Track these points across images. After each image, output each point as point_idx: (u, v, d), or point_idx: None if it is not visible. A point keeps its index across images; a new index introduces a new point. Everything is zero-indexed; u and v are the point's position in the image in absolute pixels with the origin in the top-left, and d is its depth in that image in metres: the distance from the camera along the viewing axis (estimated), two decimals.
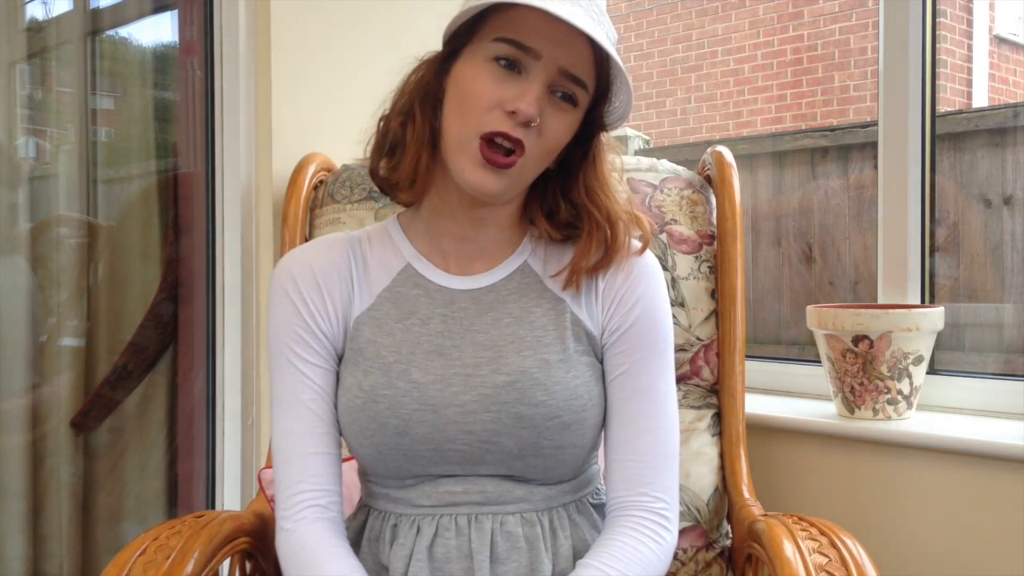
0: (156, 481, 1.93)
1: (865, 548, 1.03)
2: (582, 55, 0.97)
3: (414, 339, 1.03)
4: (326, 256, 1.08)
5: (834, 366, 1.54)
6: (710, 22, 5.92)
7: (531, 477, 1.03)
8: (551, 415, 1.00)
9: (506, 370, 1.01)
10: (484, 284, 1.06)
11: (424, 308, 1.05)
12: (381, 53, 1.78)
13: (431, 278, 1.06)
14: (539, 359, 1.01)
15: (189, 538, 1.09)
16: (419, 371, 1.02)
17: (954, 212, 2.07)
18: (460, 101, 0.98)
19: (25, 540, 1.81)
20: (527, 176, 1.01)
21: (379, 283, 1.07)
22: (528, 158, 0.98)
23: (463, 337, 1.03)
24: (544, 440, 1.00)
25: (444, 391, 1.01)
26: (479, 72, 0.97)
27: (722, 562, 1.36)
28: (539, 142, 0.98)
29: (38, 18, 1.99)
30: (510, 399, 1.00)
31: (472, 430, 1.00)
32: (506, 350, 1.02)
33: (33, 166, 1.97)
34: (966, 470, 1.40)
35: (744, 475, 1.38)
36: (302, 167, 1.59)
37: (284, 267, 1.08)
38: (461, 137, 0.98)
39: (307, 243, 1.13)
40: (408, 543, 1.02)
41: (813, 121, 5.32)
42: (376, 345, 1.04)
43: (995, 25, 5.26)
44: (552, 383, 1.01)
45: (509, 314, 1.04)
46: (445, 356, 1.02)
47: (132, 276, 1.92)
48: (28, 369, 1.82)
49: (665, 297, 1.09)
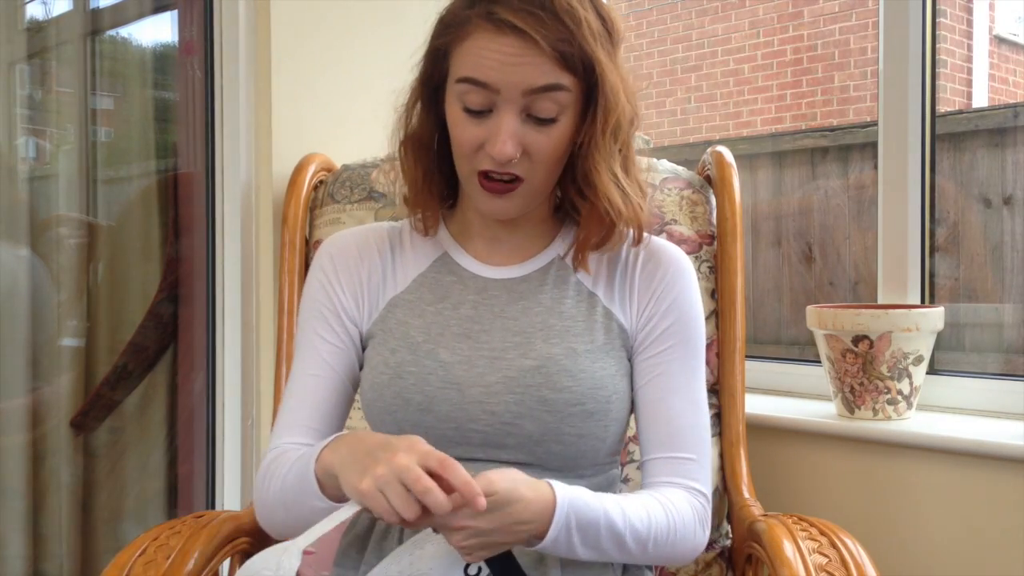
0: (156, 481, 1.93)
1: (865, 548, 1.03)
2: (543, 60, 0.96)
3: (444, 321, 1.06)
4: (365, 241, 1.12)
5: (834, 366, 1.54)
6: (710, 22, 5.92)
7: (550, 466, 1.03)
8: (575, 401, 1.01)
9: (533, 355, 1.03)
10: (518, 275, 1.09)
11: (457, 294, 1.08)
12: (381, 53, 1.78)
13: (466, 266, 1.10)
14: (567, 347, 1.03)
15: (189, 538, 1.09)
16: (446, 351, 1.04)
17: (954, 212, 2.07)
18: (454, 145, 1.03)
19: (25, 540, 1.81)
20: (539, 188, 1.04)
21: (416, 269, 1.10)
22: (529, 181, 1.01)
23: (492, 323, 1.05)
24: (566, 427, 1.01)
25: (470, 371, 1.02)
26: (456, 118, 1.01)
27: (722, 562, 1.36)
28: (533, 165, 1.00)
29: (38, 18, 1.99)
30: (535, 383, 1.01)
31: (495, 411, 1.01)
32: (535, 337, 1.04)
33: (33, 166, 1.97)
34: (966, 470, 1.40)
35: (744, 475, 1.38)
36: (302, 167, 1.59)
37: (326, 247, 1.13)
38: (464, 173, 1.03)
39: (354, 228, 1.17)
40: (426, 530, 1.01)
41: (813, 121, 5.32)
42: (406, 326, 1.06)
43: (995, 25, 5.26)
44: (578, 370, 1.02)
45: (540, 303, 1.07)
46: (473, 339, 1.04)
47: (132, 276, 1.92)
48: (28, 369, 1.82)
49: (699, 297, 1.12)
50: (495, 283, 1.08)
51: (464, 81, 0.98)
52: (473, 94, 0.97)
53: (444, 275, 1.09)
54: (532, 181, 1.01)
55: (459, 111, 1.00)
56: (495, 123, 0.97)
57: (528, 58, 0.95)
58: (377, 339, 1.08)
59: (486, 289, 1.08)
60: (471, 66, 0.97)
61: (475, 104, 0.98)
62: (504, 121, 0.97)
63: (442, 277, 1.09)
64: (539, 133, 0.99)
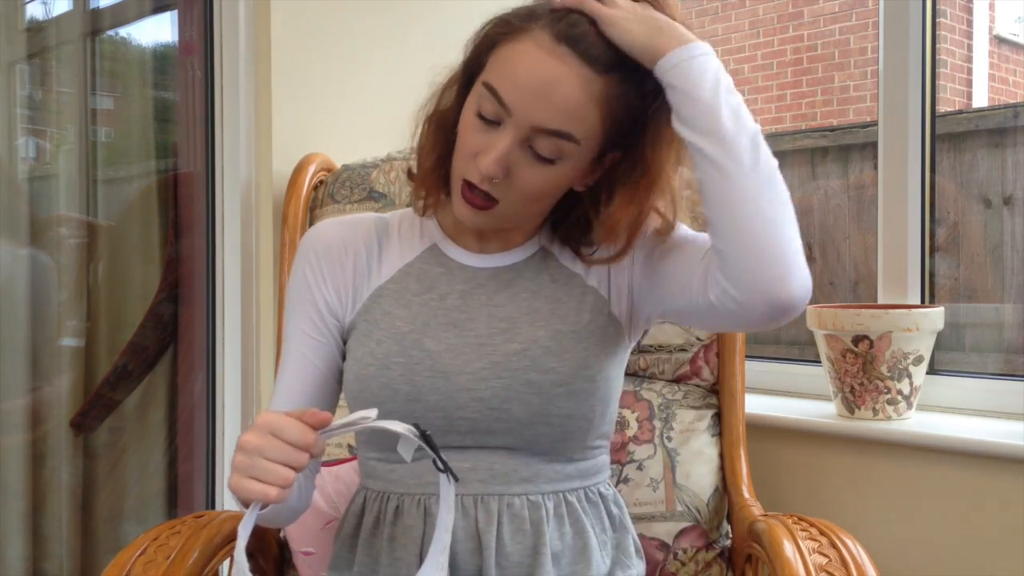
0: (156, 481, 1.93)
1: (865, 548, 1.03)
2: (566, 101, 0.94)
3: (430, 312, 1.05)
4: (349, 232, 1.11)
5: (834, 366, 1.54)
6: (710, 22, 5.92)
7: (539, 451, 1.03)
8: (560, 382, 1.01)
9: (519, 339, 1.03)
10: (505, 263, 1.08)
11: (444, 284, 1.07)
12: (381, 53, 1.78)
13: (455, 257, 1.09)
14: (552, 329, 1.03)
15: (189, 538, 1.09)
16: (432, 341, 1.03)
17: (954, 212, 2.07)
18: (458, 140, 1.01)
19: (25, 540, 1.81)
20: (512, 216, 1.02)
21: (403, 259, 1.09)
22: (503, 205, 0.99)
23: (479, 311, 1.05)
24: (553, 408, 1.01)
25: (456, 359, 1.02)
26: (467, 119, 0.99)
27: (722, 562, 1.36)
28: (512, 192, 0.98)
29: (38, 18, 1.99)
30: (521, 366, 1.01)
31: (483, 397, 1.01)
32: (520, 322, 1.04)
33: (33, 166, 1.97)
34: (966, 470, 1.40)
35: (744, 475, 1.38)
36: (302, 167, 1.59)
37: (309, 239, 1.12)
38: (455, 172, 1.02)
39: (339, 218, 1.16)
40: (418, 524, 1.02)
41: (813, 121, 5.32)
42: (392, 317, 1.06)
43: (995, 25, 5.26)
44: (563, 351, 1.02)
45: (526, 289, 1.06)
46: (459, 328, 1.04)
47: (132, 276, 1.92)
48: (28, 369, 1.82)
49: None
50: (482, 272, 1.08)
51: (487, 87, 0.97)
52: (489, 103, 0.96)
53: (432, 266, 1.08)
54: (505, 206, 0.99)
55: (472, 113, 0.99)
56: (494, 139, 0.96)
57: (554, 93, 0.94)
58: (361, 330, 1.07)
59: (474, 279, 1.07)
60: (501, 76, 0.96)
61: (487, 113, 0.97)
62: (501, 142, 0.95)
63: (430, 268, 1.08)
64: (531, 167, 0.97)
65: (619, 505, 1.12)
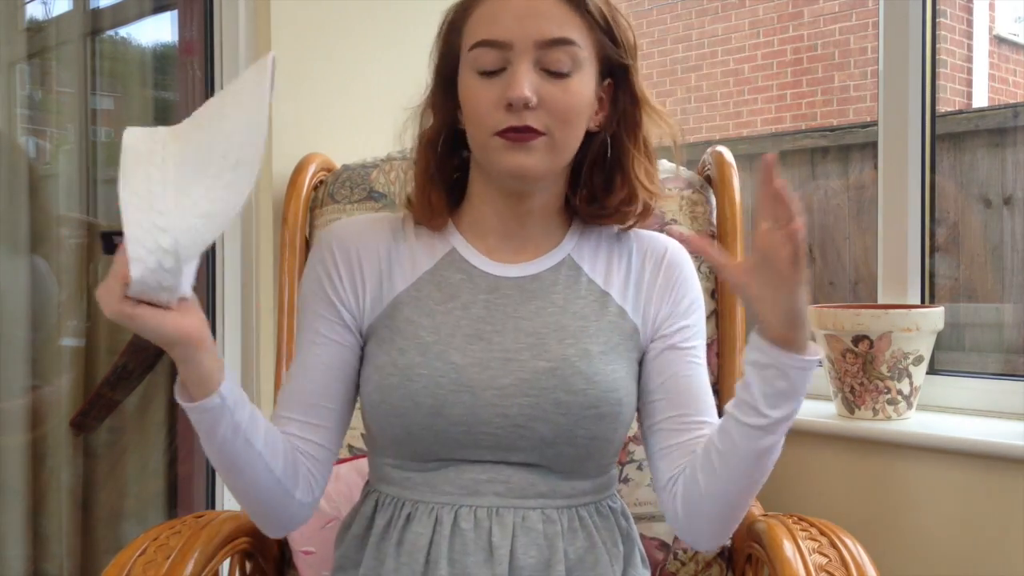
0: (156, 481, 1.93)
1: (865, 548, 1.03)
2: (556, 11, 0.98)
3: (455, 322, 1.03)
4: (367, 233, 1.09)
5: (834, 366, 1.54)
6: (710, 22, 5.92)
7: (559, 468, 1.02)
8: (589, 404, 1.00)
9: (547, 356, 1.01)
10: (529, 273, 1.07)
11: (467, 293, 1.05)
12: (381, 53, 1.78)
13: (475, 264, 1.07)
14: (581, 348, 1.02)
15: (189, 538, 1.09)
16: (458, 353, 1.01)
17: (954, 212, 2.08)
18: (468, 114, 1.02)
19: (25, 540, 1.81)
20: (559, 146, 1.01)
21: (422, 265, 1.07)
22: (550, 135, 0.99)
23: (505, 323, 1.03)
24: (579, 429, 1.00)
25: (482, 373, 1.00)
26: (471, 85, 1.00)
27: (722, 562, 1.36)
28: (549, 118, 0.99)
29: (38, 18, 1.99)
30: (550, 385, 1.00)
31: (508, 413, 1.00)
32: (548, 338, 1.03)
33: (33, 166, 1.97)
34: (966, 470, 1.40)
35: None
36: (302, 167, 1.59)
37: (327, 236, 1.10)
38: (482, 142, 1.01)
39: (357, 217, 1.15)
40: (427, 531, 1.00)
41: (813, 121, 5.32)
42: (415, 325, 1.03)
43: (995, 25, 5.26)
44: (593, 372, 1.01)
45: (553, 303, 1.05)
46: (485, 340, 1.02)
47: None
48: (28, 369, 1.82)
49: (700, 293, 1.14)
50: (506, 282, 1.06)
51: (477, 45, 0.98)
52: (486, 55, 0.98)
53: (452, 273, 1.06)
54: (552, 135, 0.99)
55: (472, 77, 0.99)
56: (510, 74, 0.97)
57: (540, 8, 0.98)
58: (382, 337, 1.05)
59: (497, 288, 1.05)
60: (483, 30, 0.98)
61: (489, 64, 0.98)
62: (519, 69, 0.97)
63: (450, 275, 1.06)
64: (554, 86, 0.98)
65: (627, 517, 1.11)
